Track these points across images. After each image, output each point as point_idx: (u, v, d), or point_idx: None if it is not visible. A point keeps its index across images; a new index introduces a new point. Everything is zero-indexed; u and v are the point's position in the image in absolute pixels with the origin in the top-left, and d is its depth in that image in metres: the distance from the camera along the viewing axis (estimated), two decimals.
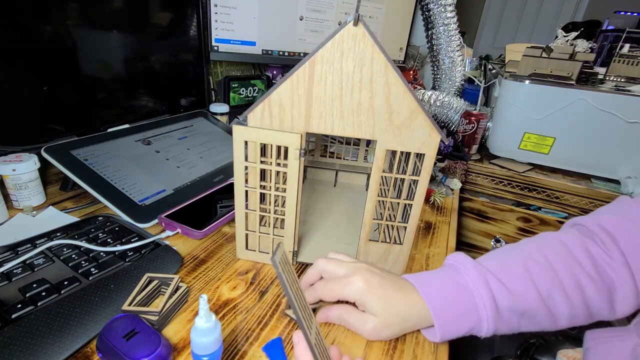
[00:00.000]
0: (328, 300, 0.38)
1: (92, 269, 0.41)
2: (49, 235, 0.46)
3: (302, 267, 0.49)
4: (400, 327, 0.37)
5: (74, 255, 0.43)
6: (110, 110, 0.71)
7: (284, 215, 0.45)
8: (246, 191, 0.44)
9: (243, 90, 1.06)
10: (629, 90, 0.82)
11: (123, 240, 0.47)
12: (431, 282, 0.38)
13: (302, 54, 1.06)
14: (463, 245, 1.03)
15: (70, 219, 0.54)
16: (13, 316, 0.34)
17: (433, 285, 0.38)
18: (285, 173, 0.42)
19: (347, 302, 0.38)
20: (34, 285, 0.37)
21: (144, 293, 0.38)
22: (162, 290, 0.40)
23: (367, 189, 0.55)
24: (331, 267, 0.39)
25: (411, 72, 1.35)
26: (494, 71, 1.24)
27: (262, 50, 0.99)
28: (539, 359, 0.61)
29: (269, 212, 0.45)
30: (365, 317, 0.37)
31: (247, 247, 0.49)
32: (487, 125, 1.01)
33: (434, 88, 1.23)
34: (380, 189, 0.61)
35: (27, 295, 0.36)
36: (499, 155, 0.99)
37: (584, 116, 0.84)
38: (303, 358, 0.28)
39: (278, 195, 0.45)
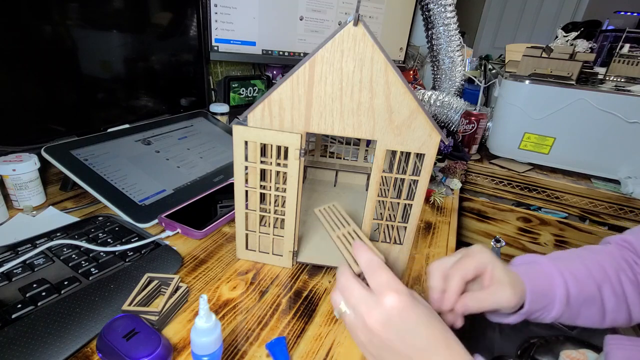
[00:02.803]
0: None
1: (92, 269, 0.41)
2: (49, 235, 0.46)
3: (302, 267, 0.49)
4: (519, 286, 0.39)
5: (74, 255, 0.43)
6: (110, 110, 0.71)
7: (284, 215, 0.45)
8: (246, 191, 0.44)
9: (243, 90, 1.06)
10: (629, 90, 0.82)
11: (123, 240, 0.47)
12: (516, 264, 0.43)
13: (302, 54, 1.06)
14: (463, 245, 1.02)
15: (70, 219, 0.54)
16: (13, 316, 0.34)
17: (521, 267, 0.42)
18: (285, 173, 0.42)
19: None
20: (34, 285, 0.37)
21: (144, 293, 0.38)
22: (162, 290, 0.40)
23: (367, 189, 0.55)
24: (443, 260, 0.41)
25: (411, 72, 1.35)
26: (494, 71, 1.24)
27: (262, 50, 0.99)
28: (540, 359, 0.61)
29: (269, 212, 0.45)
30: (495, 287, 0.38)
31: (247, 247, 0.49)
32: (487, 125, 1.01)
33: (434, 88, 1.23)
34: (380, 189, 0.61)
35: (27, 295, 0.36)
36: (499, 155, 0.99)
37: (584, 116, 0.84)
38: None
39: (278, 195, 0.45)
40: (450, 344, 0.29)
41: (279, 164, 0.42)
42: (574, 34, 1.04)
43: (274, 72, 1.18)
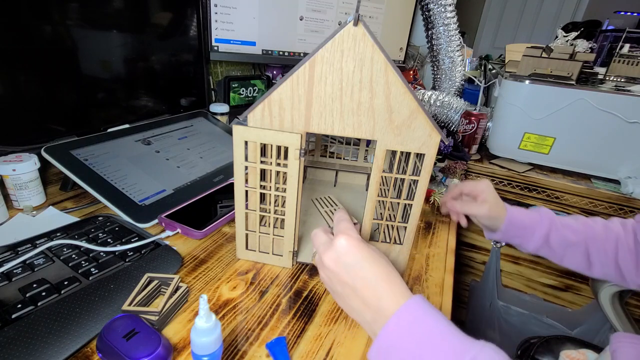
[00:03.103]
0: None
1: (92, 269, 0.41)
2: (49, 235, 0.46)
3: (302, 267, 0.49)
4: (498, 211, 0.56)
5: (74, 255, 0.43)
6: (110, 110, 0.71)
7: (284, 215, 0.45)
8: (246, 191, 0.44)
9: (243, 90, 1.06)
10: (629, 90, 0.82)
11: (123, 240, 0.47)
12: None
13: (302, 54, 1.06)
14: (463, 245, 1.03)
15: (70, 219, 0.54)
16: (13, 316, 0.34)
17: (517, 207, 0.57)
18: (285, 173, 0.42)
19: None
20: (34, 285, 0.37)
21: (144, 293, 0.38)
22: (162, 290, 0.40)
23: (367, 189, 0.55)
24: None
25: (411, 72, 1.35)
26: (494, 71, 1.24)
27: (262, 50, 0.99)
28: (540, 359, 0.61)
29: (269, 212, 0.45)
30: (479, 203, 0.56)
31: (247, 247, 0.49)
32: (487, 125, 1.01)
33: (434, 88, 1.23)
34: (380, 189, 0.61)
35: (27, 295, 0.36)
36: (499, 155, 0.99)
37: (584, 116, 0.84)
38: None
39: (278, 195, 0.45)
40: (392, 278, 0.33)
41: (279, 164, 0.42)
42: (574, 34, 1.04)
43: (274, 72, 1.18)
